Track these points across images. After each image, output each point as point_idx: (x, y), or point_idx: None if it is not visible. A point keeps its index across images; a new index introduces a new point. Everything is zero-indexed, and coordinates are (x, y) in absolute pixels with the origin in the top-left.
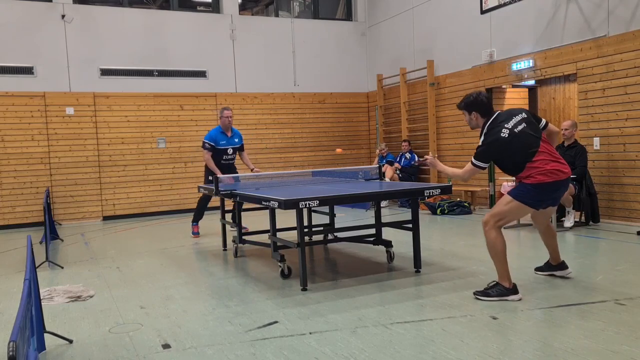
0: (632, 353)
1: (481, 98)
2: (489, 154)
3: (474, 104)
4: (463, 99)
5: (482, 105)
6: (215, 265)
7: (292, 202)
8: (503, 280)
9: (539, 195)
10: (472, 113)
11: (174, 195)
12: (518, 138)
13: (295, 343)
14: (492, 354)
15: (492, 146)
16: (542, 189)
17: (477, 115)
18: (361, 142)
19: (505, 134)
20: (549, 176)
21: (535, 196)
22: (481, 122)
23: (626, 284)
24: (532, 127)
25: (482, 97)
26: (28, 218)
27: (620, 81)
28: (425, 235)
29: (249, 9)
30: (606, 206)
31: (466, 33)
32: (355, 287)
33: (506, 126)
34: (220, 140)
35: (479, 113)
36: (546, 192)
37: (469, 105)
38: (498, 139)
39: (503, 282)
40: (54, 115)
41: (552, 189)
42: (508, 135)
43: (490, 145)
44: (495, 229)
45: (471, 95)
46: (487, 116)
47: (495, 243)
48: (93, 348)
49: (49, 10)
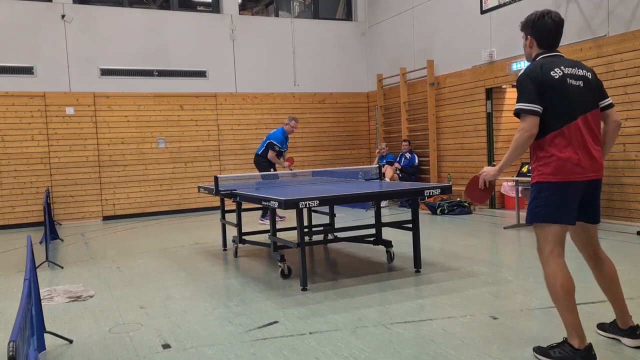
0: (632, 353)
1: (546, 21)
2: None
3: (534, 26)
4: (527, 17)
5: (543, 31)
6: (215, 265)
7: (292, 202)
8: (571, 338)
9: (545, 201)
10: (529, 38)
11: (174, 195)
12: (567, 91)
13: (295, 343)
14: (492, 354)
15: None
16: (550, 192)
17: (532, 41)
18: (361, 142)
19: (557, 74)
20: (549, 171)
21: (541, 202)
22: (534, 55)
23: (626, 284)
24: (590, 92)
25: (548, 20)
26: (28, 218)
27: (620, 81)
28: (425, 235)
29: (249, 9)
30: (606, 206)
31: (466, 33)
32: (355, 287)
33: (562, 68)
34: (284, 145)
35: (535, 40)
36: (557, 196)
37: (525, 25)
38: (546, 71)
39: (571, 340)
40: (54, 115)
41: (560, 192)
42: (559, 77)
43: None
44: (551, 260)
45: (534, 14)
46: (545, 49)
47: (552, 281)
48: (93, 348)
49: (49, 10)
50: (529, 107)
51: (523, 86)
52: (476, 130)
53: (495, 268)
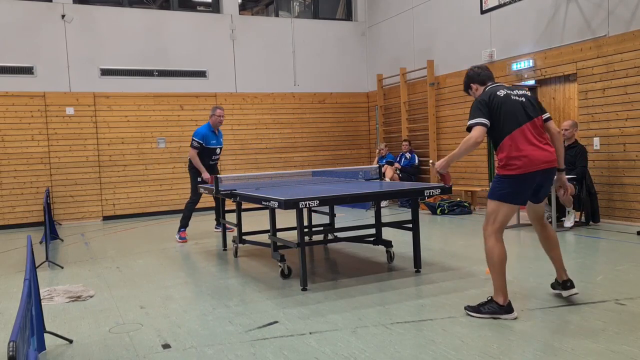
0: (632, 353)
1: (473, 70)
2: (479, 109)
3: (469, 78)
4: None
5: (475, 75)
6: (215, 265)
7: (292, 202)
8: (497, 296)
9: (509, 188)
10: (471, 87)
11: (174, 195)
12: (512, 103)
13: (295, 343)
14: (492, 354)
15: (484, 101)
16: (511, 182)
17: (476, 86)
18: (361, 142)
19: (502, 94)
20: (515, 165)
21: (505, 189)
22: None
23: (626, 284)
24: (531, 106)
25: (474, 68)
26: (28, 218)
27: (620, 81)
28: (425, 235)
29: (249, 9)
30: (606, 206)
31: (466, 33)
32: (355, 287)
33: (505, 90)
34: (211, 139)
35: (477, 84)
36: (515, 185)
37: (465, 84)
38: (493, 93)
39: (497, 297)
40: (54, 115)
41: (521, 182)
42: (504, 96)
43: (482, 101)
44: (493, 235)
45: (465, 75)
46: (486, 84)
47: (491, 251)
48: (93, 348)
49: (49, 10)
50: (477, 121)
51: (474, 108)
52: None
53: None
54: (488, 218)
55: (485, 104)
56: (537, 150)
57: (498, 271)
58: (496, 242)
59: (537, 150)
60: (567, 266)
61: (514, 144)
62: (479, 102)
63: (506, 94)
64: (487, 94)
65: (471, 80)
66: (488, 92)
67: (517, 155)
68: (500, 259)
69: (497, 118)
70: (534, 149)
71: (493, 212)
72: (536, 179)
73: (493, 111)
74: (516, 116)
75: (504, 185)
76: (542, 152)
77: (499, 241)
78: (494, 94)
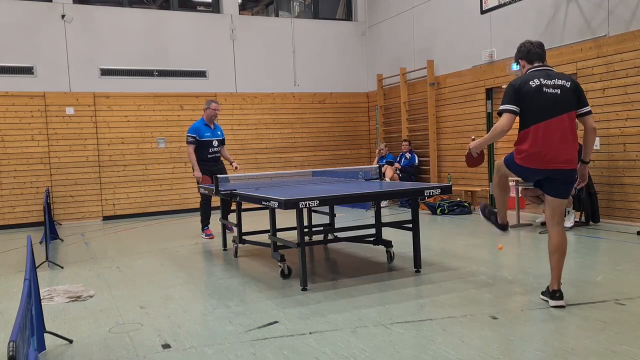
0: (632, 353)
1: (526, 45)
2: (510, 95)
3: (519, 51)
4: None
5: (525, 52)
6: (215, 265)
7: (292, 202)
8: (499, 214)
9: (519, 169)
10: (520, 61)
11: (174, 195)
12: (542, 97)
13: (295, 343)
14: (492, 354)
15: (516, 86)
16: (521, 167)
17: (524, 63)
18: (361, 142)
19: (534, 84)
20: (521, 156)
21: (515, 168)
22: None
23: (626, 284)
24: (565, 100)
25: (527, 44)
26: (28, 218)
27: (620, 81)
28: (425, 235)
29: (249, 9)
30: (606, 206)
31: (466, 33)
32: (355, 287)
33: (540, 79)
34: (205, 132)
35: (525, 61)
36: (525, 172)
37: (516, 54)
38: (526, 81)
39: (499, 214)
40: (54, 115)
41: (529, 172)
42: (536, 87)
43: (514, 85)
44: (498, 175)
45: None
46: (533, 64)
47: (497, 181)
48: (93, 348)
49: (49, 10)
50: (506, 107)
51: (507, 92)
52: (476, 130)
53: (495, 268)
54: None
55: (515, 90)
56: (552, 150)
57: (499, 197)
58: (501, 178)
59: (553, 149)
60: (567, 266)
61: (531, 137)
62: (512, 87)
63: (538, 86)
64: (521, 78)
65: (521, 55)
66: (524, 78)
67: (528, 149)
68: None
69: (524, 107)
70: (550, 147)
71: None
72: (541, 175)
73: (521, 99)
74: (542, 111)
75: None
76: (555, 152)
77: (503, 178)
78: (527, 82)
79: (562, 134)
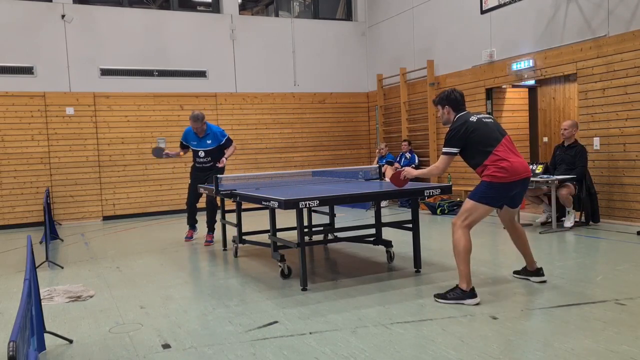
0: (632, 353)
1: (455, 94)
2: (457, 138)
3: (447, 98)
4: (437, 95)
5: (454, 101)
6: (215, 265)
7: (292, 202)
8: (462, 283)
9: (493, 193)
10: (445, 107)
11: (174, 195)
12: (485, 126)
13: (295, 343)
14: (492, 354)
15: (461, 129)
16: (496, 188)
17: (449, 110)
18: (361, 142)
19: (474, 119)
20: (503, 174)
21: (489, 194)
22: (452, 118)
23: (626, 284)
24: (498, 126)
25: (455, 93)
26: (28, 218)
27: (620, 81)
28: (425, 235)
29: (249, 9)
30: (606, 206)
31: (466, 33)
32: (355, 287)
33: (475, 115)
34: (191, 140)
35: (451, 108)
36: (500, 191)
37: (443, 99)
38: (466, 121)
39: (462, 284)
40: (54, 115)
41: (505, 189)
42: (476, 120)
43: (459, 129)
44: (461, 229)
45: (445, 91)
46: (458, 112)
47: (457, 242)
48: (93, 348)
49: (49, 10)
50: (450, 150)
51: (450, 136)
52: None
53: (495, 268)
54: (462, 214)
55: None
56: (520, 160)
57: (463, 259)
58: (463, 235)
59: (519, 160)
60: (568, 266)
61: (502, 154)
62: (456, 131)
63: (479, 119)
64: (459, 122)
65: (450, 103)
66: (461, 120)
67: (504, 165)
68: (466, 249)
69: (476, 140)
70: (517, 158)
71: (468, 210)
72: (517, 187)
73: (468, 137)
74: (493, 136)
75: (488, 190)
76: (522, 162)
77: (465, 234)
78: (468, 120)
79: (513, 150)
